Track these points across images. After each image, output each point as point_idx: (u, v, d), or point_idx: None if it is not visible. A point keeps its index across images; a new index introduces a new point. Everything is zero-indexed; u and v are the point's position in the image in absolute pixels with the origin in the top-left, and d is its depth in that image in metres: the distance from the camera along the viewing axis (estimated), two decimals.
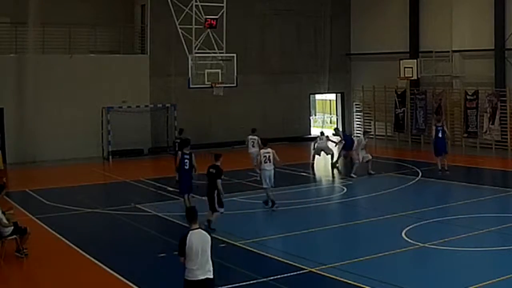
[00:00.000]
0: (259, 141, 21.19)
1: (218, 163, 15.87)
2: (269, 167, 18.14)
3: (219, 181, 15.51)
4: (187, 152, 17.05)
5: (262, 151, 18.46)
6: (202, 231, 9.11)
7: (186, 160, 16.92)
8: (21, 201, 19.61)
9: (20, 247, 13.66)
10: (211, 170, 15.82)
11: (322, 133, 25.81)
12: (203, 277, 8.94)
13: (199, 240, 8.94)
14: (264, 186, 18.15)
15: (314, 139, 26.25)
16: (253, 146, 22.54)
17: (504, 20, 28.53)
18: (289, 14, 34.16)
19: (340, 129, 31.17)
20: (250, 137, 22.83)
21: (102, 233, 16.36)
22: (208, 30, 23.13)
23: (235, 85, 24.65)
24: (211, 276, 9.05)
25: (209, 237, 9.08)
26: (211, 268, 9.06)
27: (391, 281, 11.57)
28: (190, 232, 9.02)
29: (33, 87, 27.55)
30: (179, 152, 17.44)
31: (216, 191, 15.55)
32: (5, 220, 13.57)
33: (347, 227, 16.10)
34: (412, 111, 32.41)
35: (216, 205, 15.61)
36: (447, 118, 30.70)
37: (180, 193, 17.62)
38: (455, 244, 13.72)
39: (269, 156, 18.15)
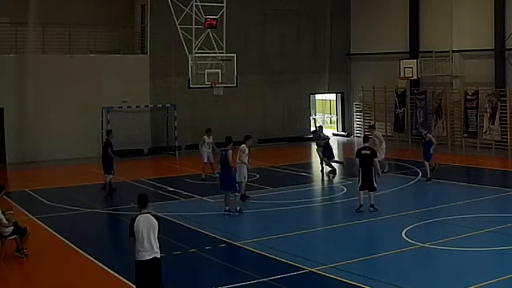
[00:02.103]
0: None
1: (368, 144, 17.42)
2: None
3: (376, 159, 16.91)
4: (225, 149, 17.37)
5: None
6: (150, 216, 9.81)
7: (222, 157, 17.26)
8: (21, 201, 19.59)
9: (20, 247, 13.66)
10: (363, 152, 17.07)
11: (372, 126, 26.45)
12: (149, 257, 9.71)
13: (145, 223, 9.71)
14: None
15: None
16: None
17: (504, 20, 28.54)
18: (289, 14, 34.16)
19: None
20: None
21: (102, 233, 16.36)
22: (208, 30, 23.12)
23: (235, 85, 24.65)
24: (158, 256, 9.81)
25: (156, 222, 9.79)
26: (158, 250, 9.81)
27: (391, 281, 11.57)
28: (139, 216, 9.79)
29: (33, 87, 27.56)
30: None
31: (373, 170, 16.64)
32: (5, 220, 13.58)
33: (347, 227, 16.08)
34: (412, 111, 32.42)
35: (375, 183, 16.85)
36: (447, 118, 30.73)
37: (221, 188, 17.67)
38: (455, 244, 13.72)
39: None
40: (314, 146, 23.63)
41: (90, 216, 17.93)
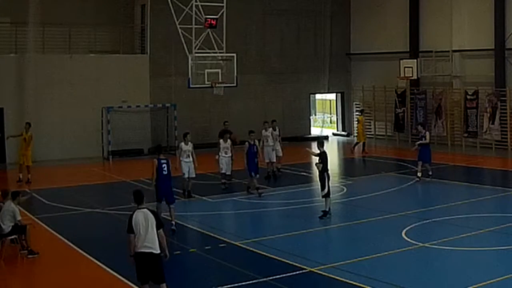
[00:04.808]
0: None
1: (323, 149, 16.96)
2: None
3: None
4: (164, 157, 16.11)
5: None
6: (147, 210, 10.20)
7: (164, 165, 15.84)
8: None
9: (25, 245, 13.67)
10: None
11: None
12: (146, 250, 10.02)
13: (143, 218, 10.11)
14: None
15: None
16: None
17: (504, 20, 28.54)
18: (289, 14, 34.17)
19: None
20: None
21: (102, 233, 16.34)
22: (208, 30, 23.12)
23: (235, 85, 24.64)
24: (156, 252, 10.09)
25: (153, 216, 10.18)
26: (156, 246, 10.10)
27: (391, 281, 11.57)
28: (137, 211, 10.21)
29: (33, 87, 27.56)
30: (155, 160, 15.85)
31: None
32: (18, 215, 13.62)
33: (347, 227, 16.09)
34: (412, 111, 32.43)
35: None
36: (447, 118, 30.74)
37: (157, 200, 16.06)
38: (455, 244, 13.72)
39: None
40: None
41: (90, 216, 17.93)
